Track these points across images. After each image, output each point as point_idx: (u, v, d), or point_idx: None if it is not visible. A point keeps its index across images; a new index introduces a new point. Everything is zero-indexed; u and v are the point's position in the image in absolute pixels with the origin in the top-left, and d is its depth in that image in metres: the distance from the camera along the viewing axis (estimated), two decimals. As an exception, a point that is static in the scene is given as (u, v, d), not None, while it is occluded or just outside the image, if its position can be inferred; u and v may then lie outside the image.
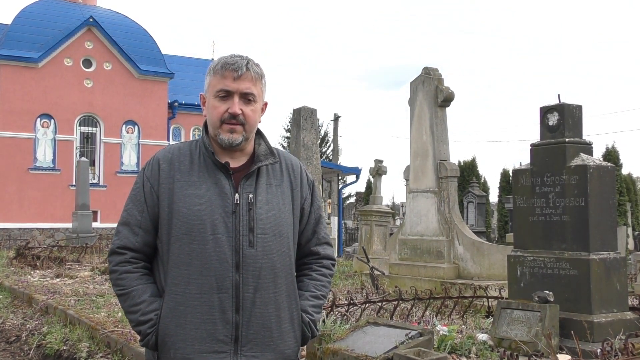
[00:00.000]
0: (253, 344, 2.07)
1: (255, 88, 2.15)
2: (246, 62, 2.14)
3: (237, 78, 2.12)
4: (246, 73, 2.13)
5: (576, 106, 5.11)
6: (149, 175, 2.17)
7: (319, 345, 4.21)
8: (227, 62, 2.14)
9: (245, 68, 2.13)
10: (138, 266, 2.16)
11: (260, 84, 2.18)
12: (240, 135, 2.14)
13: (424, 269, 9.44)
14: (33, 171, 21.66)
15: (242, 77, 2.12)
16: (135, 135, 23.55)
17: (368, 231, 14.31)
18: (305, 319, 2.21)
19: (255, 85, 2.16)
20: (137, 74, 23.42)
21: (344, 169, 25.40)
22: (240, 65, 2.13)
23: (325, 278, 2.31)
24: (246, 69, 2.13)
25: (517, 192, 5.24)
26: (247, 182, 2.14)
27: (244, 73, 2.12)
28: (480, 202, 22.52)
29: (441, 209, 9.53)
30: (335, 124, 34.83)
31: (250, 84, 2.14)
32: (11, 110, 21.36)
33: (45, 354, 6.10)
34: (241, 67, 2.12)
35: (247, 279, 2.07)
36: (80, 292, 8.21)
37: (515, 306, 4.66)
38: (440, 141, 9.79)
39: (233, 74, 2.12)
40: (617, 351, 3.69)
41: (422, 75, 10.10)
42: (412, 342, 3.74)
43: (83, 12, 23.47)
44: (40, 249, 13.30)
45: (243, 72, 2.12)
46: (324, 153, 39.22)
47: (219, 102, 2.14)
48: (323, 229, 2.34)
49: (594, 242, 4.73)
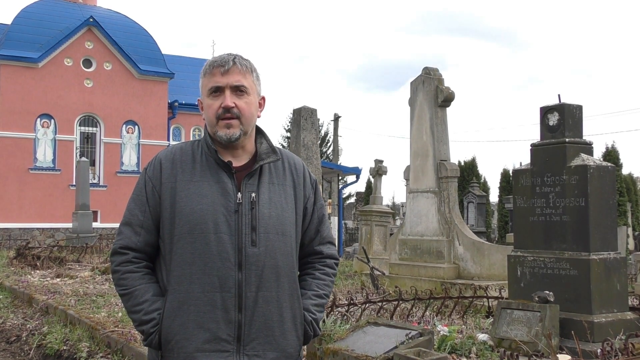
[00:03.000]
0: (256, 343, 2.08)
1: (245, 80, 2.16)
2: (233, 57, 2.17)
3: (225, 72, 2.14)
4: (233, 67, 2.15)
5: (576, 106, 5.11)
6: (151, 175, 2.18)
7: (319, 345, 4.21)
8: (214, 60, 2.18)
9: (232, 62, 2.15)
10: (140, 266, 2.16)
11: (250, 76, 2.19)
12: (238, 130, 2.14)
13: (424, 269, 9.44)
14: (33, 171, 21.65)
15: (230, 71, 2.14)
16: (136, 135, 23.55)
17: (368, 231, 14.32)
18: (307, 317, 2.21)
19: (245, 77, 2.17)
20: (137, 74, 23.41)
21: (344, 169, 25.39)
22: (227, 60, 2.15)
23: (328, 277, 2.31)
24: (233, 62, 2.15)
25: (517, 192, 5.25)
26: (249, 181, 2.15)
27: (231, 67, 2.14)
28: (481, 202, 22.49)
29: (441, 209, 9.53)
30: (335, 124, 34.80)
31: (239, 77, 2.15)
32: (11, 110, 21.35)
33: (45, 354, 6.10)
34: (228, 62, 2.15)
35: (250, 278, 2.07)
36: (80, 292, 8.22)
37: (516, 306, 4.66)
38: (440, 141, 9.79)
39: (220, 69, 2.14)
40: (617, 351, 3.69)
41: (422, 75, 10.10)
42: (412, 342, 3.74)
43: (83, 12, 23.47)
44: (41, 249, 13.32)
45: (230, 66, 2.14)
46: (324, 153, 39.20)
47: (212, 99, 2.15)
48: (326, 228, 2.34)
49: (594, 242, 4.73)
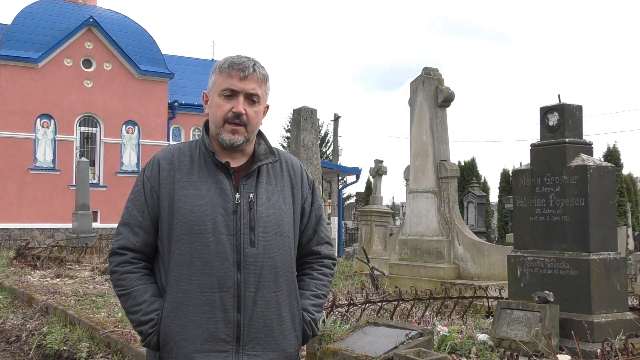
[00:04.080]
0: (255, 343, 2.08)
1: (260, 90, 2.16)
2: (253, 63, 2.16)
3: (244, 78, 2.12)
4: (253, 74, 2.13)
5: (576, 106, 5.11)
6: (149, 176, 2.18)
7: (319, 345, 4.21)
8: (234, 61, 2.14)
9: (252, 69, 2.13)
10: (139, 266, 2.16)
11: (265, 86, 2.19)
12: (242, 137, 2.14)
13: (424, 269, 9.44)
14: (33, 171, 21.65)
15: (249, 78, 2.13)
16: (135, 136, 23.55)
17: (368, 231, 14.32)
18: (306, 317, 2.21)
19: (261, 86, 2.16)
20: (137, 74, 23.41)
21: (344, 169, 25.37)
22: (247, 66, 2.13)
23: (326, 277, 2.32)
24: (253, 70, 2.14)
25: (517, 193, 5.24)
26: (247, 181, 2.15)
27: (251, 74, 2.13)
28: (480, 203, 22.50)
29: (441, 209, 9.53)
30: (335, 124, 34.80)
31: (255, 85, 2.14)
32: (11, 110, 21.36)
33: (45, 354, 6.11)
34: (248, 67, 2.13)
35: (249, 278, 2.07)
36: (80, 292, 8.22)
37: (515, 306, 4.66)
38: (440, 141, 9.79)
39: (240, 73, 2.12)
40: (617, 351, 3.69)
41: (422, 76, 10.10)
42: (412, 342, 3.74)
43: (83, 12, 23.47)
44: (40, 249, 13.31)
45: (250, 72, 2.13)
46: (324, 153, 39.20)
47: (223, 100, 2.14)
48: (324, 229, 2.35)
49: (594, 242, 4.73)
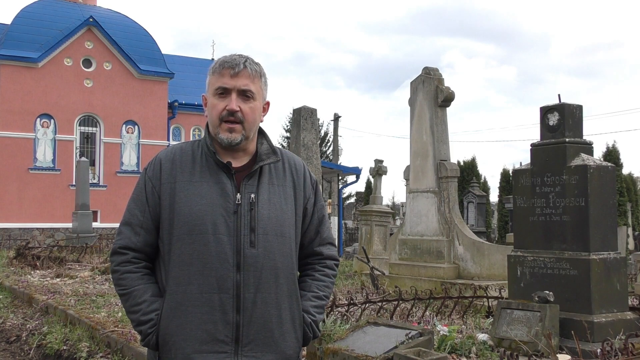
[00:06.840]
0: (254, 345, 2.07)
1: (253, 85, 2.15)
2: (244, 60, 2.15)
3: (235, 75, 2.12)
4: (244, 70, 2.13)
5: (576, 106, 5.11)
6: (151, 176, 2.18)
7: (319, 345, 4.21)
8: (225, 60, 2.15)
9: (242, 65, 2.13)
10: (139, 266, 2.16)
11: (259, 81, 2.18)
12: (240, 135, 2.13)
13: (424, 269, 9.44)
14: (33, 171, 21.64)
15: (240, 74, 2.13)
16: (135, 135, 23.55)
17: (368, 231, 14.32)
18: (307, 319, 2.20)
19: (254, 82, 2.15)
20: (137, 74, 23.40)
21: (344, 169, 25.38)
22: (238, 63, 2.13)
23: (328, 278, 2.30)
24: (244, 66, 2.13)
25: (517, 192, 5.24)
26: (249, 181, 2.14)
27: (242, 70, 2.13)
28: (481, 202, 22.48)
29: (441, 209, 9.53)
30: (335, 124, 34.80)
31: (247, 81, 2.14)
32: (11, 110, 21.35)
33: (45, 353, 6.10)
34: (238, 64, 2.13)
35: (248, 279, 2.07)
36: (80, 292, 8.22)
37: (515, 306, 4.66)
38: (440, 141, 9.79)
39: (230, 71, 2.13)
40: (617, 351, 3.69)
41: (422, 75, 10.10)
42: (412, 342, 3.74)
43: (83, 12, 23.46)
44: (40, 249, 13.30)
45: (240, 69, 2.13)
46: (324, 153, 39.19)
47: (217, 100, 2.14)
48: (326, 229, 2.33)
49: (594, 242, 4.73)
